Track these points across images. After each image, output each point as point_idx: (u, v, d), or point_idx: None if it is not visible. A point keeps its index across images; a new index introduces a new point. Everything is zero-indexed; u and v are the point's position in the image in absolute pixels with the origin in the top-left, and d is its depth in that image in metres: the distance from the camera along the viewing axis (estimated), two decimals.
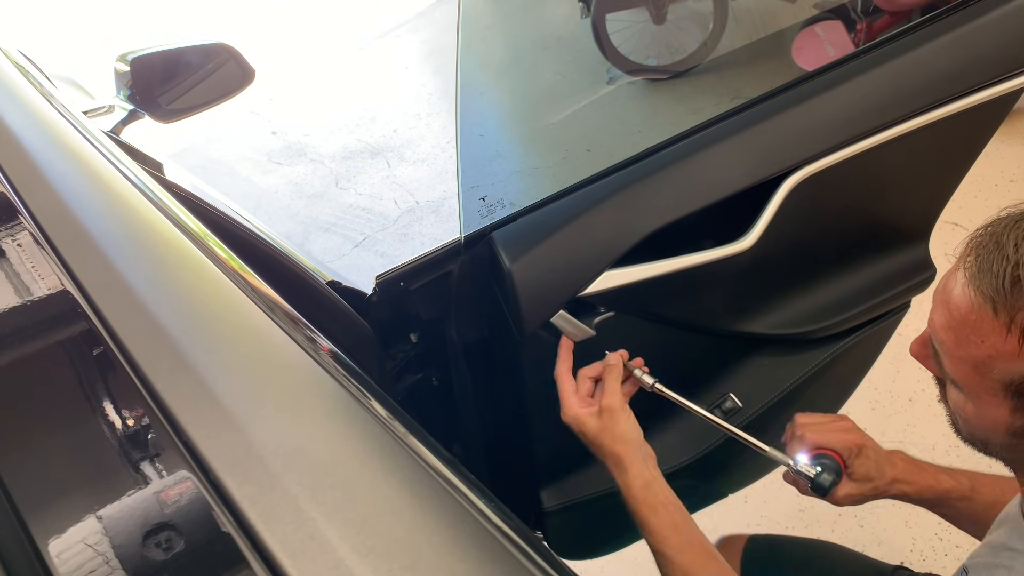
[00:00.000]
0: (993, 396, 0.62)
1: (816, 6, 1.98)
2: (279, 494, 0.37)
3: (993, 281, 0.58)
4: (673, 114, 1.85)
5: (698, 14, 2.64)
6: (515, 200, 1.10)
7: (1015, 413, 0.61)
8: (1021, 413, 0.61)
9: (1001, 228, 0.59)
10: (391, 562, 0.35)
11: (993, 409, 0.62)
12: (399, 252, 3.13)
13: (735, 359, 1.26)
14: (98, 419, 0.46)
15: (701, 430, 1.23)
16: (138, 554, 0.37)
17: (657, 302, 1.10)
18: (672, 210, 1.02)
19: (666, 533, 0.87)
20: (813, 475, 0.93)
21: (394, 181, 3.63)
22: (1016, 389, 0.59)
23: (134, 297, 0.49)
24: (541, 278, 1.00)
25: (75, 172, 0.65)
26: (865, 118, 1.03)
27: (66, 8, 6.18)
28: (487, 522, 0.39)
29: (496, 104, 1.63)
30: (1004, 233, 0.59)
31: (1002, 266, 0.57)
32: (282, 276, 1.03)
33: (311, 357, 0.48)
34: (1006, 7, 1.04)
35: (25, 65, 0.98)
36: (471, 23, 1.47)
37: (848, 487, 0.95)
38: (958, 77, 1.04)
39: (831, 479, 0.92)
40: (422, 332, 1.20)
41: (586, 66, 2.22)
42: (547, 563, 0.39)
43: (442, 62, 4.61)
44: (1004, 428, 0.63)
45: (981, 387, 0.62)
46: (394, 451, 0.42)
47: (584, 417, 0.95)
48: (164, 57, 1.42)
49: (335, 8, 5.89)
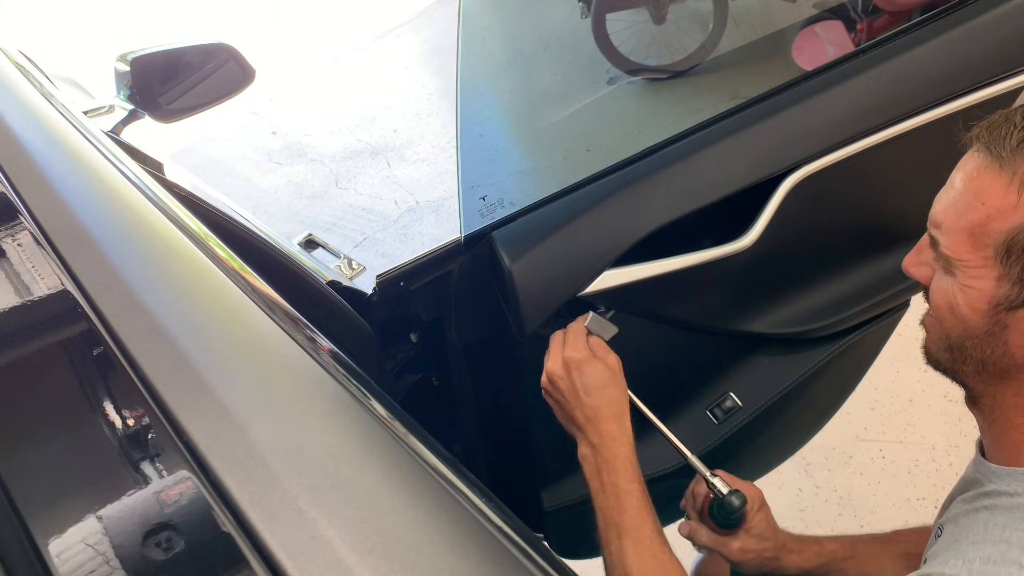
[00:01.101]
0: (982, 267, 0.65)
1: (816, 6, 1.98)
2: (279, 494, 0.37)
3: (1001, 141, 0.64)
4: (673, 114, 1.85)
5: (698, 14, 2.64)
6: (515, 200, 1.10)
7: (1000, 281, 0.65)
8: (1006, 280, 0.64)
9: (1013, 110, 0.66)
10: (391, 562, 0.35)
11: (979, 283, 0.66)
12: (399, 252, 3.14)
13: (735, 358, 1.26)
14: (98, 419, 0.46)
15: (701, 430, 1.23)
16: (138, 554, 0.37)
17: (657, 301, 1.10)
18: (672, 210, 1.02)
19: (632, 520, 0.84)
20: (725, 492, 0.91)
21: (394, 181, 3.64)
22: (1007, 248, 0.63)
23: (134, 297, 0.50)
24: (541, 278, 1.00)
25: (75, 172, 0.65)
26: (865, 117, 1.03)
27: (66, 8, 6.18)
28: (487, 522, 0.39)
29: (496, 104, 1.63)
30: (1016, 112, 0.65)
31: (1010, 130, 0.64)
32: (282, 276, 1.03)
33: (311, 357, 0.48)
34: (1005, 7, 1.04)
35: (25, 65, 0.98)
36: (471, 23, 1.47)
37: (746, 541, 0.95)
38: (958, 76, 1.05)
39: (740, 503, 0.91)
40: (422, 332, 1.20)
41: (586, 66, 2.22)
42: (547, 563, 0.39)
43: (442, 62, 4.61)
44: (986, 307, 0.66)
45: (972, 259, 0.66)
46: (394, 451, 0.42)
47: (553, 379, 0.93)
48: (164, 57, 1.42)
49: (335, 8, 5.89)
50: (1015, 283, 0.64)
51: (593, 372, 0.91)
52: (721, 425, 1.23)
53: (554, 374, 0.93)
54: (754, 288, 1.18)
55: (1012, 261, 0.63)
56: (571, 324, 0.98)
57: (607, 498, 0.85)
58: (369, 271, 1.23)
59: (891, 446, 2.07)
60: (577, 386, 0.91)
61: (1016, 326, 0.65)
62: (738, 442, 1.26)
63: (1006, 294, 0.65)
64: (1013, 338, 0.66)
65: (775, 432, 1.39)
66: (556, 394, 0.94)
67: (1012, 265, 0.64)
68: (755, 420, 1.23)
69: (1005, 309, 0.65)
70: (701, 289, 1.12)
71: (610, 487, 0.86)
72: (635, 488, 0.85)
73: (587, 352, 0.93)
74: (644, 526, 0.83)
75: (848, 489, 2.05)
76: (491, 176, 1.28)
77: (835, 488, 2.05)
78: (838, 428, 2.11)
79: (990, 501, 0.67)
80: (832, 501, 2.03)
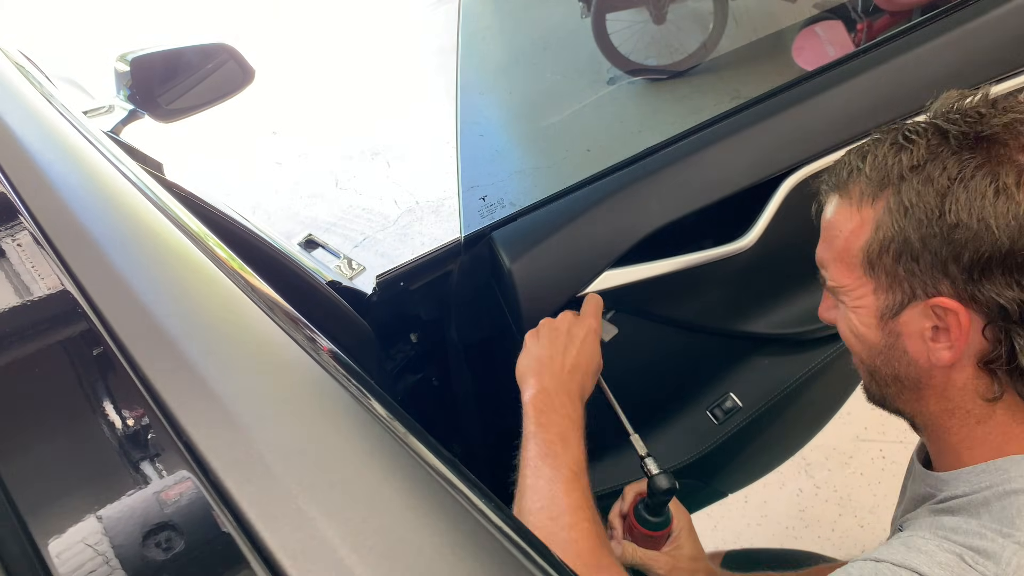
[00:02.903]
0: (860, 286, 0.71)
1: (816, 6, 1.98)
2: (279, 494, 0.37)
3: (838, 177, 0.72)
4: (673, 114, 1.85)
5: (698, 14, 2.64)
6: (515, 200, 1.10)
7: (876, 293, 0.70)
8: (880, 289, 0.69)
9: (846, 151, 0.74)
10: (391, 562, 0.35)
11: (863, 301, 0.71)
12: (399, 252, 3.14)
13: (735, 359, 1.26)
14: (98, 419, 0.46)
15: (701, 430, 1.23)
16: (138, 554, 0.37)
17: (657, 302, 1.10)
18: (672, 210, 1.02)
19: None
20: (655, 471, 0.89)
21: (394, 181, 3.64)
22: (868, 261, 0.69)
23: (134, 297, 0.49)
24: (541, 278, 1.00)
25: (75, 172, 0.65)
26: (865, 118, 1.03)
27: (66, 8, 6.18)
28: (487, 522, 0.39)
29: (496, 104, 1.63)
30: (848, 152, 0.73)
31: (843, 166, 0.72)
32: (282, 276, 1.03)
33: (311, 357, 0.48)
34: (1006, 7, 1.04)
35: (25, 65, 0.98)
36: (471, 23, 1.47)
37: (678, 558, 0.95)
38: (958, 77, 1.05)
39: (668, 484, 0.88)
40: (422, 332, 1.20)
41: (586, 66, 2.22)
42: (547, 563, 0.39)
43: (442, 61, 4.61)
44: (876, 321, 0.71)
45: (851, 283, 0.71)
46: (394, 451, 0.42)
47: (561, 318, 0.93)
48: (164, 57, 1.42)
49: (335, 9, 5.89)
50: (887, 290, 0.69)
51: (595, 337, 0.93)
52: (721, 425, 1.23)
53: (564, 316, 0.93)
54: (754, 288, 1.18)
55: (876, 271, 0.69)
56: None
57: (548, 433, 0.82)
58: (369, 271, 1.24)
59: (891, 446, 2.07)
60: (578, 334, 0.91)
61: (905, 330, 0.69)
62: (738, 442, 1.26)
63: (885, 302, 0.69)
64: (909, 344, 0.69)
65: (775, 432, 1.39)
66: (551, 331, 0.92)
67: (878, 274, 0.69)
68: (755, 420, 1.23)
69: (890, 317, 0.69)
70: (701, 289, 1.12)
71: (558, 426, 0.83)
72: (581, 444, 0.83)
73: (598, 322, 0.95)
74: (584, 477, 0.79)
75: (848, 489, 2.04)
76: (491, 176, 1.28)
77: (835, 488, 2.05)
78: (838, 428, 2.11)
79: (945, 505, 0.68)
80: (832, 501, 2.03)
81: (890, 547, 0.63)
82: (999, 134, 0.63)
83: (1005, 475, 0.64)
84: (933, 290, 0.65)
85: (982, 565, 0.57)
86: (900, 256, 0.66)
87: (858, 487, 2.05)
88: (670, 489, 0.88)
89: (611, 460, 1.22)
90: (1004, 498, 0.62)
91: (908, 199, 0.65)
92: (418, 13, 5.49)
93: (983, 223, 0.61)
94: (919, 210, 0.64)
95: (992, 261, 0.62)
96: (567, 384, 0.87)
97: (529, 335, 0.93)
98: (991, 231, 0.61)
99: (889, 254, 0.67)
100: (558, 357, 0.89)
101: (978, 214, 0.61)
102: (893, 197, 0.66)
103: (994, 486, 0.64)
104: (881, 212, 0.67)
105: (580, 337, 0.91)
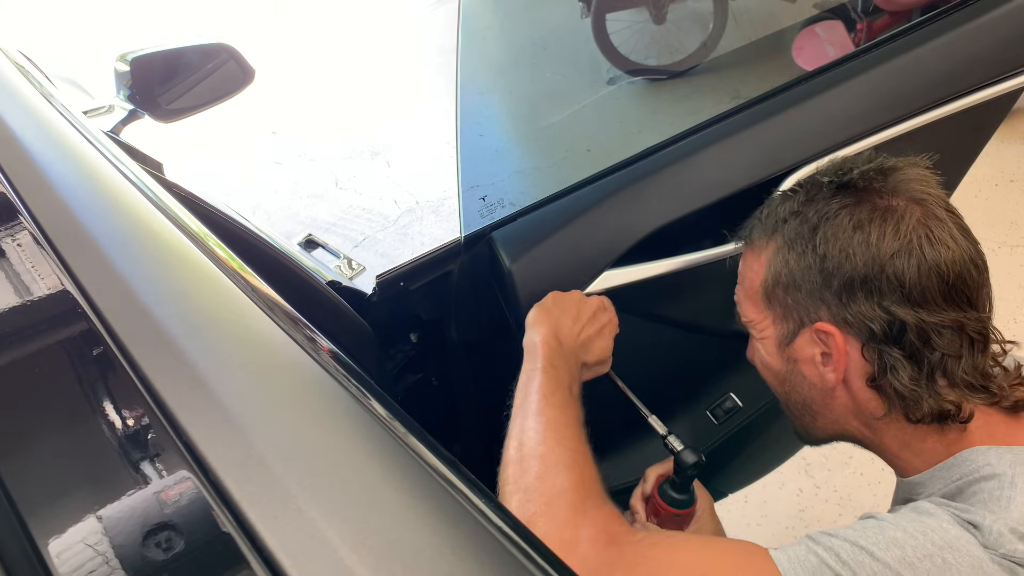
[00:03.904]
0: (763, 320, 0.81)
1: (816, 6, 1.98)
2: (279, 494, 0.37)
3: (747, 230, 0.85)
4: (673, 114, 1.85)
5: (698, 14, 2.64)
6: (515, 200, 1.10)
7: (775, 324, 0.80)
8: (777, 320, 0.79)
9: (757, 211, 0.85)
10: (391, 562, 0.35)
11: (766, 332, 0.81)
12: (399, 252, 3.14)
13: (735, 359, 1.26)
14: (98, 419, 0.46)
15: (701, 430, 1.23)
16: (138, 554, 0.37)
17: (657, 302, 1.10)
18: (672, 210, 1.02)
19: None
20: (680, 448, 0.90)
21: (394, 181, 3.63)
22: (766, 296, 0.80)
23: (134, 297, 0.49)
24: (541, 278, 1.00)
25: (75, 172, 0.65)
26: (865, 118, 1.03)
27: (66, 8, 6.18)
28: (487, 522, 0.39)
29: (496, 104, 1.63)
30: (759, 210, 0.84)
31: (750, 222, 0.85)
32: (282, 276, 1.03)
33: (311, 357, 0.48)
34: (1005, 7, 1.04)
35: (25, 65, 0.98)
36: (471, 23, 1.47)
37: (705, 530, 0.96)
38: (958, 77, 1.05)
39: (695, 459, 0.89)
40: (422, 332, 1.20)
41: (586, 66, 2.22)
42: (547, 563, 0.39)
43: (442, 61, 4.61)
44: (776, 349, 0.81)
45: (756, 316, 0.82)
46: (394, 451, 0.42)
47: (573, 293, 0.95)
48: (164, 57, 1.42)
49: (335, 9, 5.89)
50: (782, 320, 0.79)
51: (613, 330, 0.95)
52: (721, 425, 1.23)
53: (591, 300, 0.94)
54: None
55: (773, 303, 0.80)
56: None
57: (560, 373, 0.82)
58: (369, 271, 1.23)
59: None
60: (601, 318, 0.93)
61: (800, 356, 0.78)
62: (738, 442, 1.26)
63: (781, 331, 0.80)
64: (805, 369, 0.78)
65: (775, 432, 1.39)
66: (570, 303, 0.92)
67: (774, 306, 0.79)
68: (755, 421, 1.23)
69: (786, 344, 0.79)
70: (701, 289, 1.12)
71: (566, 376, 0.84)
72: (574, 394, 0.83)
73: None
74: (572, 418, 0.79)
75: (848, 489, 2.04)
76: (491, 176, 1.28)
77: (835, 488, 2.05)
78: None
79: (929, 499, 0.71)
80: (832, 501, 2.03)
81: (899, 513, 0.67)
82: (857, 181, 0.75)
83: (973, 465, 0.69)
84: (815, 315, 0.75)
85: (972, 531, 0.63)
86: (788, 287, 0.77)
87: (858, 487, 2.05)
88: (697, 463, 0.90)
89: (621, 455, 1.22)
90: (975, 484, 0.67)
91: (789, 237, 0.77)
92: (418, 13, 5.49)
93: (844, 252, 0.72)
94: (798, 245, 0.76)
95: (854, 285, 0.71)
96: (576, 352, 0.89)
97: (551, 295, 0.94)
98: (851, 259, 0.72)
99: (780, 287, 0.78)
100: (575, 327, 0.90)
101: (840, 245, 0.72)
102: (780, 238, 0.78)
103: (964, 476, 0.69)
104: (772, 252, 0.79)
105: (601, 323, 0.93)
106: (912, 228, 0.70)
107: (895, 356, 0.71)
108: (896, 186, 0.74)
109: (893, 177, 0.75)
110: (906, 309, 0.70)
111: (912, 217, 0.71)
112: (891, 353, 0.71)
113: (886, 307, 0.70)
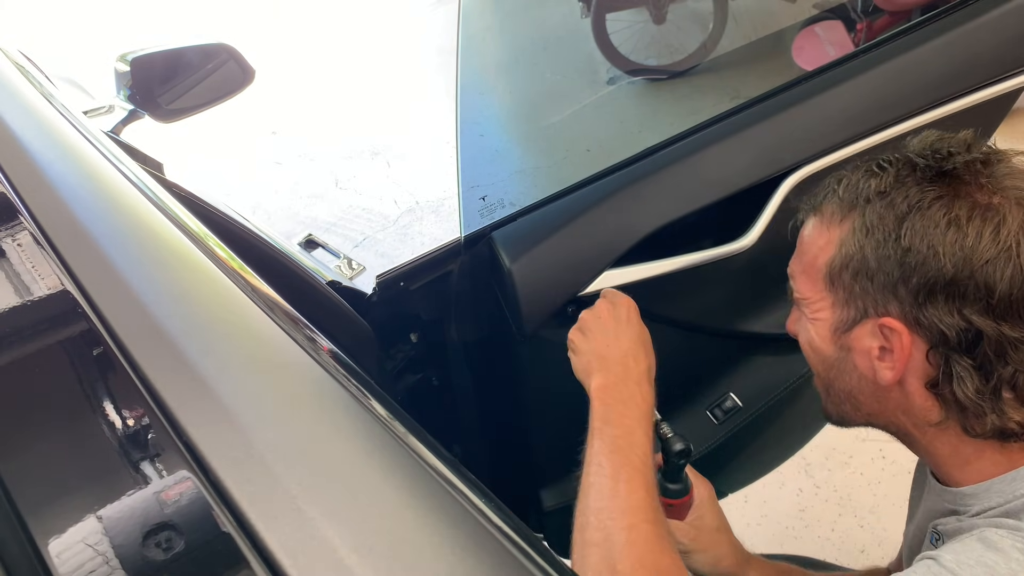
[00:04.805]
0: (821, 300, 0.75)
1: (816, 6, 1.98)
2: (279, 494, 0.37)
3: (815, 199, 0.78)
4: (673, 114, 1.85)
5: (698, 14, 2.64)
6: (515, 200, 1.10)
7: (834, 308, 0.74)
8: (837, 305, 0.74)
9: (829, 177, 0.79)
10: (391, 562, 0.35)
11: (822, 314, 0.76)
12: (399, 252, 3.14)
13: (735, 359, 1.26)
14: (98, 419, 0.46)
15: (701, 430, 1.23)
16: (138, 554, 0.37)
17: (657, 302, 1.10)
18: (672, 210, 1.02)
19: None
20: (671, 435, 0.87)
21: (394, 181, 3.64)
22: (830, 277, 0.74)
23: (134, 297, 0.49)
24: (541, 278, 1.00)
25: (75, 172, 0.65)
26: (865, 118, 1.03)
27: (66, 8, 6.18)
28: (487, 522, 0.39)
29: (496, 104, 1.63)
30: (829, 177, 0.78)
31: (820, 189, 0.78)
32: (282, 276, 1.03)
33: (311, 357, 0.48)
34: (1005, 7, 1.04)
35: (25, 65, 0.98)
36: (471, 23, 1.47)
37: (699, 533, 0.94)
38: (958, 77, 1.04)
39: (684, 447, 0.86)
40: (422, 332, 1.20)
41: (586, 66, 2.22)
42: (547, 563, 0.39)
43: (442, 61, 4.61)
44: (830, 334, 0.75)
45: (813, 295, 0.76)
46: (394, 451, 0.42)
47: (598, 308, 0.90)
48: (164, 57, 1.42)
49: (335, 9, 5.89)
50: (843, 305, 0.73)
51: (636, 310, 0.90)
52: (721, 425, 1.23)
53: (600, 304, 0.91)
54: (754, 288, 1.18)
55: (836, 286, 0.73)
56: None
57: (614, 428, 0.79)
58: (369, 271, 1.23)
59: (891, 446, 2.06)
60: (622, 314, 0.89)
61: (855, 346, 0.73)
62: (738, 442, 1.26)
63: (840, 317, 0.74)
64: (858, 360, 0.73)
65: (775, 432, 1.39)
66: (596, 321, 0.89)
67: (837, 290, 0.73)
68: (755, 420, 1.23)
69: (843, 332, 0.74)
70: (701, 289, 1.12)
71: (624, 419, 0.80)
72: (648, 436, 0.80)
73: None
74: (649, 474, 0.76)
75: (848, 489, 2.04)
76: (491, 176, 1.28)
77: (835, 488, 2.05)
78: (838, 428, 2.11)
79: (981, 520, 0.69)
80: (832, 501, 2.03)
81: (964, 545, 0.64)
82: (959, 171, 0.67)
83: None
84: (883, 309, 0.69)
85: None
86: (857, 274, 0.71)
87: (858, 487, 2.05)
88: (684, 450, 0.87)
89: None
90: None
91: (871, 220, 0.70)
92: (418, 13, 5.50)
93: (932, 250, 0.65)
94: (879, 231, 0.69)
95: (936, 287, 0.65)
96: (631, 370, 0.84)
97: (573, 332, 0.90)
98: (938, 258, 0.65)
99: (848, 271, 0.72)
100: (613, 344, 0.86)
101: (929, 241, 0.65)
102: (859, 218, 0.71)
103: None
104: (847, 231, 0.72)
105: (625, 316, 0.89)
106: (1013, 234, 0.64)
107: (964, 365, 0.66)
108: (1001, 181, 0.66)
109: (998, 169, 0.67)
110: (988, 320, 0.64)
111: (1015, 221, 0.64)
112: (960, 362, 0.66)
113: (966, 315, 0.64)
